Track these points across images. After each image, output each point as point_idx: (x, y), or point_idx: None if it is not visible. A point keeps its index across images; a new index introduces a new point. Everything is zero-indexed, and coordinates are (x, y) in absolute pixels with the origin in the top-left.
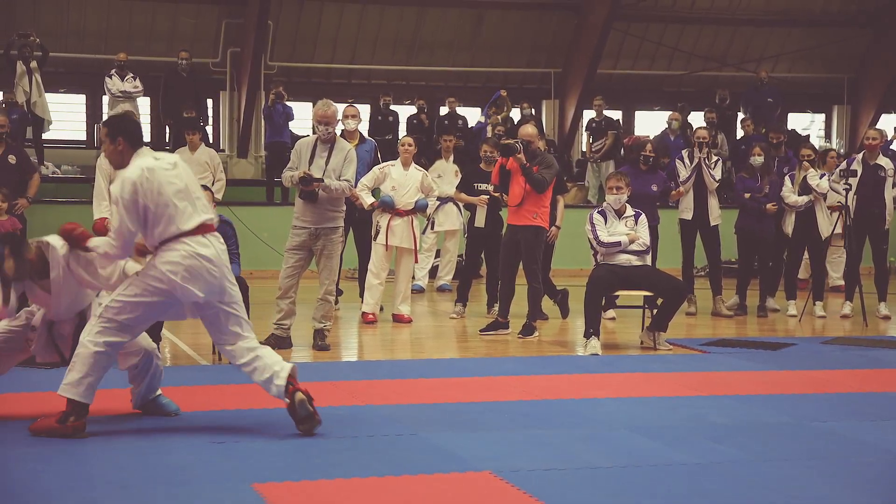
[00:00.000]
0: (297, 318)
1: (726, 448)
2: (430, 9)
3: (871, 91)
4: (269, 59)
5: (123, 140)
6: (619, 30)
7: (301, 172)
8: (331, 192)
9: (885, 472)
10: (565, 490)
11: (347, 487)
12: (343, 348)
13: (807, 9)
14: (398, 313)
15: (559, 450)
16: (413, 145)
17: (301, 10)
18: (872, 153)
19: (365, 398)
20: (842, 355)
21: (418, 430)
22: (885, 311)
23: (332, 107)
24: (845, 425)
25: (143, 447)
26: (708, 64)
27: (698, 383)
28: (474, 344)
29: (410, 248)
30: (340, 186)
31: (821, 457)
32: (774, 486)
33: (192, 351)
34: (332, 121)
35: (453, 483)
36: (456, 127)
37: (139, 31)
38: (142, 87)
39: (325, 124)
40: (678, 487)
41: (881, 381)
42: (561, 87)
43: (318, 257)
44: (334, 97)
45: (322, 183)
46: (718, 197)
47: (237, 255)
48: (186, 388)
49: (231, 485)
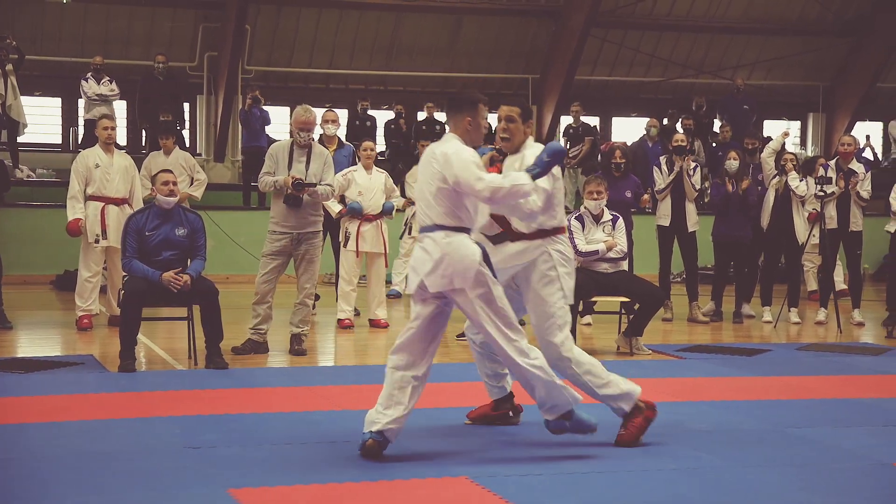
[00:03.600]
0: (274, 323)
1: (702, 454)
2: (409, 14)
3: (846, 99)
4: (246, 64)
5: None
6: (597, 36)
7: (292, 178)
8: (317, 198)
9: (861, 477)
10: (542, 495)
11: (324, 493)
12: (320, 353)
13: (783, 17)
14: (375, 318)
15: (536, 455)
16: (374, 149)
17: (279, 15)
18: (847, 159)
19: (341, 403)
20: (816, 361)
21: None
22: (859, 318)
23: (312, 113)
24: (820, 431)
25: (116, 452)
26: (685, 71)
27: (674, 389)
28: (451, 349)
29: (381, 252)
30: (326, 191)
31: (796, 463)
32: (750, 492)
33: (167, 355)
34: (312, 127)
35: (430, 488)
36: (434, 132)
37: (116, 35)
38: (118, 91)
39: (307, 130)
40: (655, 493)
41: (856, 388)
42: (539, 93)
43: (300, 262)
44: (312, 102)
45: (314, 188)
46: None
47: (204, 250)
48: (161, 392)
49: (207, 490)
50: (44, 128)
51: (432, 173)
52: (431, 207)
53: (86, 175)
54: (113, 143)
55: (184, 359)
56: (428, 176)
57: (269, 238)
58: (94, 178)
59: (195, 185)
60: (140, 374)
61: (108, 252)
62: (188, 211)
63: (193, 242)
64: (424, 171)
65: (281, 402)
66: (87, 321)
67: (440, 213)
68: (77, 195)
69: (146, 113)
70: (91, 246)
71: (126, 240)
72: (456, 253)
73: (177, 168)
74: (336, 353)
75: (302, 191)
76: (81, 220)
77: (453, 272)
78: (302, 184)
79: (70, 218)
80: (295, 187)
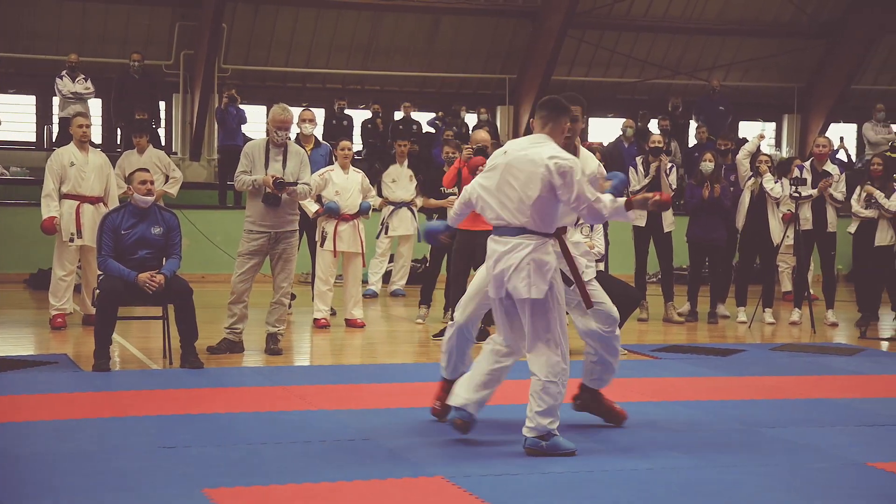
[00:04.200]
0: (249, 323)
1: (677, 454)
2: (386, 14)
3: (820, 101)
4: (222, 62)
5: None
6: (574, 37)
7: (272, 177)
8: (296, 197)
9: (835, 477)
10: (517, 496)
11: (299, 493)
12: (295, 353)
13: (759, 19)
14: (351, 318)
15: (511, 455)
16: (351, 149)
17: (256, 14)
18: (821, 161)
19: (317, 403)
20: (790, 362)
21: (371, 435)
22: (833, 319)
23: (290, 112)
24: (794, 431)
25: (90, 452)
26: (661, 72)
27: (649, 389)
28: (428, 349)
29: (358, 252)
30: (304, 191)
31: (771, 463)
32: (725, 492)
33: (142, 354)
34: (289, 126)
35: (405, 488)
36: (410, 132)
37: (92, 33)
38: (93, 89)
39: (284, 129)
40: (630, 493)
41: (829, 388)
42: (516, 93)
43: (276, 261)
44: (288, 101)
45: (294, 188)
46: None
47: (179, 248)
48: (136, 392)
49: (181, 490)
50: (18, 126)
51: (534, 177)
52: (522, 211)
53: (60, 173)
54: (88, 141)
55: (158, 358)
56: (526, 179)
57: (245, 237)
58: (69, 177)
59: (170, 183)
60: (114, 373)
61: (82, 251)
62: (164, 210)
63: (169, 241)
64: (519, 173)
65: (256, 401)
66: (60, 320)
67: (532, 220)
68: (52, 193)
69: (121, 111)
70: (65, 244)
71: (102, 238)
72: (541, 261)
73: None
74: (312, 352)
75: (282, 190)
76: (56, 218)
77: (531, 282)
78: (283, 183)
79: (44, 216)
80: (276, 186)
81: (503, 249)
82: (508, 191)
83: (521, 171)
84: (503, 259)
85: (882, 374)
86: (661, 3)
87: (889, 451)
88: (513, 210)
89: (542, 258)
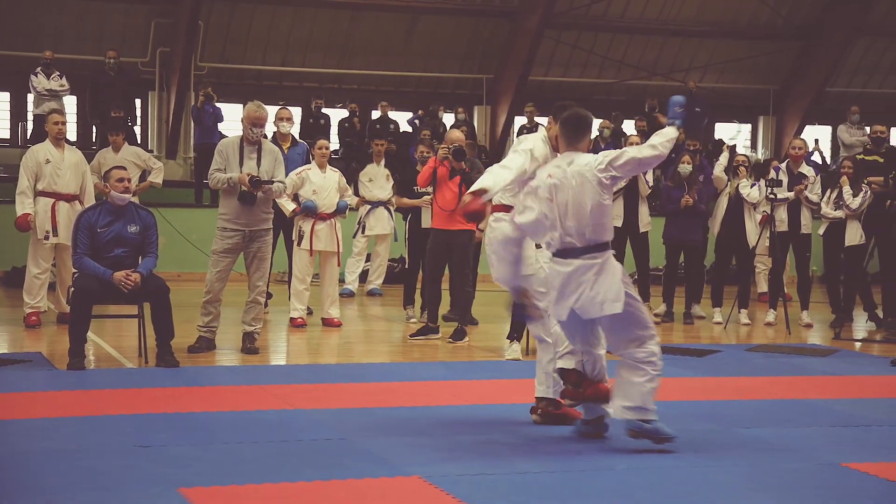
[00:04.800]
0: (225, 322)
1: (653, 453)
2: (364, 13)
3: (796, 102)
4: (199, 60)
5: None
6: (551, 38)
7: (248, 175)
8: (271, 195)
9: (809, 477)
10: (494, 495)
11: (276, 492)
12: (272, 352)
13: (735, 21)
14: (328, 317)
15: (488, 455)
16: (329, 148)
17: (233, 12)
18: (797, 162)
19: (294, 402)
20: (766, 362)
21: (347, 434)
22: (808, 320)
23: (264, 109)
24: (769, 432)
25: (65, 451)
26: (638, 73)
27: None
28: (404, 348)
29: (335, 251)
30: (279, 189)
31: (747, 463)
32: (700, 491)
33: (117, 353)
34: (264, 123)
35: (383, 488)
36: (387, 131)
37: (67, 30)
38: (68, 86)
39: (259, 126)
40: (607, 492)
41: (804, 388)
42: (493, 93)
43: (251, 260)
44: (265, 99)
45: (271, 185)
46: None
47: (156, 247)
48: (111, 391)
49: (158, 490)
50: None
51: (586, 191)
52: (585, 226)
53: (36, 170)
54: (64, 138)
55: (134, 357)
56: (583, 197)
57: (219, 235)
58: (45, 174)
59: (154, 173)
60: (89, 372)
61: (57, 249)
62: (140, 208)
63: (145, 240)
64: (574, 194)
65: (233, 400)
66: (35, 318)
67: (595, 230)
68: (27, 191)
69: (97, 109)
70: (40, 242)
71: (77, 236)
72: (610, 273)
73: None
74: (288, 351)
75: (258, 188)
76: (30, 215)
77: (605, 300)
78: (259, 181)
79: (19, 213)
80: (252, 184)
81: (568, 270)
82: (570, 209)
83: (571, 192)
84: (571, 282)
85: (856, 374)
86: (637, 5)
87: (863, 451)
88: (576, 230)
89: (609, 269)
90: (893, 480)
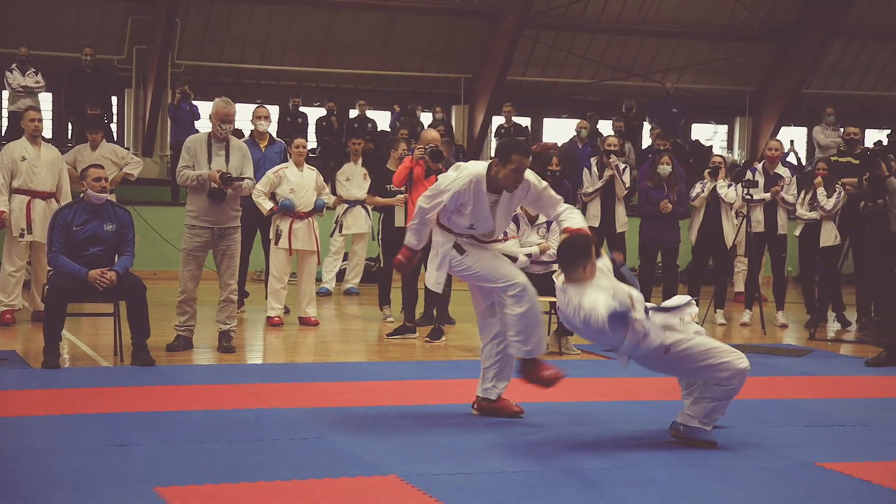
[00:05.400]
0: (202, 321)
1: (630, 452)
2: (342, 11)
3: (772, 104)
4: (176, 58)
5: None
6: (530, 38)
7: (218, 172)
8: (240, 192)
9: (784, 476)
10: (471, 494)
11: (252, 491)
12: (248, 351)
13: (712, 23)
14: (305, 316)
15: (465, 454)
16: (306, 146)
17: (210, 9)
18: (773, 163)
19: (270, 401)
20: None
21: (324, 433)
22: (783, 320)
23: (233, 106)
24: (744, 431)
25: (40, 450)
26: (615, 74)
27: (603, 389)
28: (381, 348)
29: (313, 249)
30: (248, 186)
31: (722, 462)
32: (676, 490)
33: (92, 351)
34: (232, 119)
35: (359, 487)
36: (365, 130)
37: (43, 26)
38: (44, 83)
39: (228, 122)
40: (582, 492)
41: (779, 388)
42: (471, 92)
43: (220, 258)
44: (243, 98)
45: (241, 182)
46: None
47: (132, 245)
48: (86, 389)
49: (133, 488)
50: None
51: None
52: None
53: (11, 168)
54: (40, 135)
55: (109, 355)
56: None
57: (188, 233)
58: (21, 171)
59: (130, 165)
60: (64, 370)
61: (32, 247)
62: (117, 206)
63: (122, 238)
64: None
65: (209, 399)
66: (9, 316)
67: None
68: (1, 188)
69: (73, 106)
70: (15, 240)
71: (53, 234)
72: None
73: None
74: (265, 350)
75: (229, 185)
76: (5, 213)
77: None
78: (230, 178)
79: None
80: (223, 181)
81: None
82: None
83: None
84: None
85: (831, 374)
86: (615, 5)
87: (838, 451)
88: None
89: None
90: (867, 480)
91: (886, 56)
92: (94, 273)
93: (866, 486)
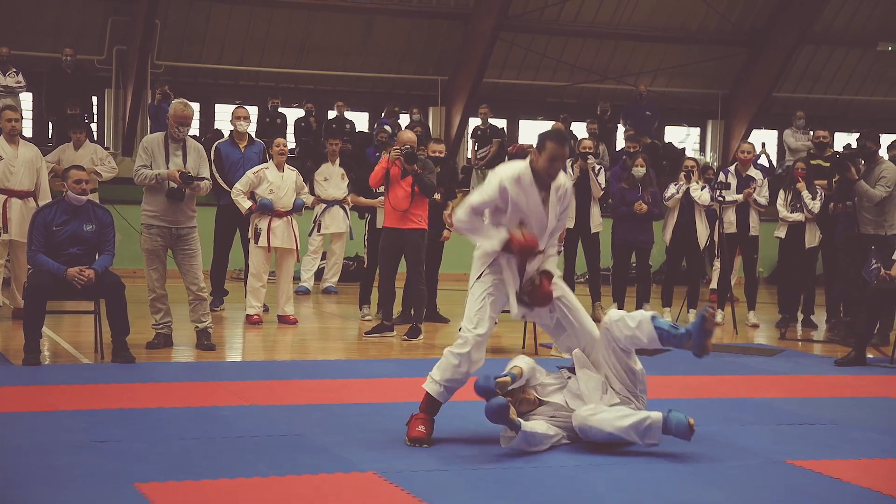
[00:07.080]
0: (181, 319)
1: (603, 451)
2: (320, 13)
3: (743, 107)
4: (155, 59)
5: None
6: (506, 40)
7: (178, 171)
8: (198, 192)
9: (755, 475)
10: (449, 492)
11: (231, 487)
12: (228, 348)
13: (685, 26)
14: (283, 314)
15: (443, 451)
16: (286, 146)
17: (189, 10)
18: (745, 166)
19: (249, 398)
20: (713, 362)
21: (303, 430)
22: (754, 320)
23: (190, 108)
24: (716, 429)
25: (20, 447)
26: (590, 76)
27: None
28: (359, 346)
29: (292, 248)
30: (206, 186)
31: (696, 460)
32: (648, 488)
33: (73, 349)
34: (190, 122)
35: (338, 484)
36: (343, 131)
37: (24, 26)
38: (24, 83)
39: (185, 125)
40: (559, 489)
41: (750, 387)
42: (448, 94)
43: (181, 260)
44: (221, 98)
45: (200, 182)
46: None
47: (112, 245)
48: (66, 386)
49: (113, 485)
50: None
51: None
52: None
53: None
54: (18, 134)
55: (89, 352)
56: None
57: (147, 233)
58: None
59: (104, 168)
60: (45, 367)
61: (11, 245)
62: (98, 207)
63: (102, 238)
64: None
65: (188, 396)
66: None
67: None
68: None
69: (53, 105)
70: None
71: (33, 233)
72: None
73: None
74: (244, 348)
75: (189, 184)
76: None
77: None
78: (191, 177)
79: None
80: (183, 180)
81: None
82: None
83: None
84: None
85: (801, 374)
86: (590, 9)
87: (808, 448)
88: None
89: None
90: (836, 477)
91: (855, 61)
92: (73, 271)
93: (835, 484)
